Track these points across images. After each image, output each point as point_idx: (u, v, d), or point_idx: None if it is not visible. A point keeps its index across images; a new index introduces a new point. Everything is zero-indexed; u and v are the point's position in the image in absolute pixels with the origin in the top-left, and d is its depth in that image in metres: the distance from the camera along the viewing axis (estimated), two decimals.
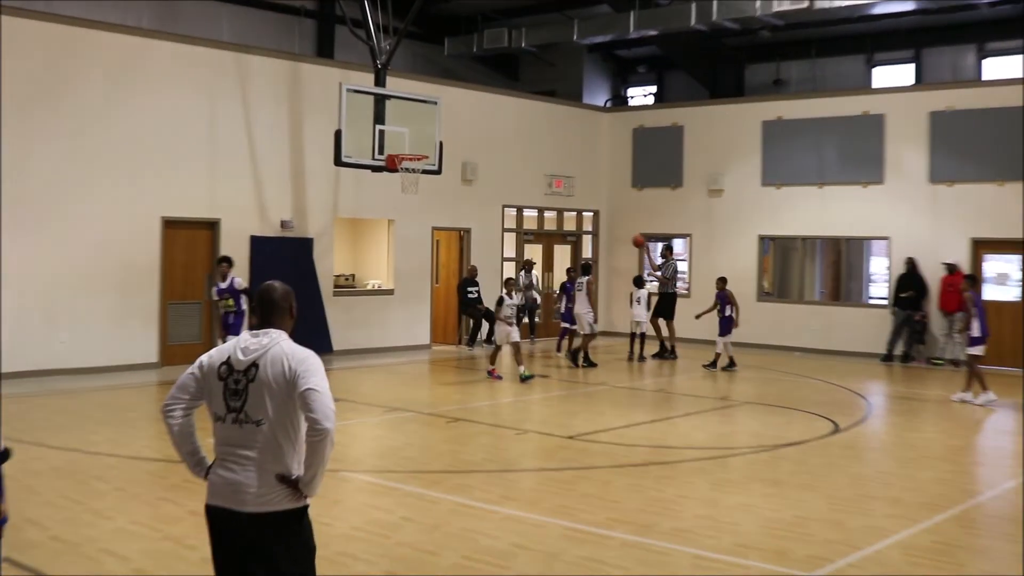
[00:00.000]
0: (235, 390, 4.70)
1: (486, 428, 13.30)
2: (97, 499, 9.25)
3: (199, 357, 4.92)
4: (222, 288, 16.28)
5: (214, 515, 4.78)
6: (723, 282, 20.16)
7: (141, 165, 17.88)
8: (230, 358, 4.75)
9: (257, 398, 4.66)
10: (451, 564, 7.60)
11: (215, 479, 4.76)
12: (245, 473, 4.66)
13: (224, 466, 4.74)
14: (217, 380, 4.76)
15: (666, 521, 8.85)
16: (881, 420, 14.83)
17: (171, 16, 20.97)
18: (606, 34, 24.15)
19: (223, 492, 4.72)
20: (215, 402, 4.78)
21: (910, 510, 9.40)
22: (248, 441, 4.68)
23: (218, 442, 4.79)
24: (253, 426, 4.67)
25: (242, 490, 4.65)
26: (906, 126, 22.04)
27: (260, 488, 4.64)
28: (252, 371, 4.68)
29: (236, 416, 4.69)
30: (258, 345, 4.73)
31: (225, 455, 4.75)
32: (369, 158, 17.92)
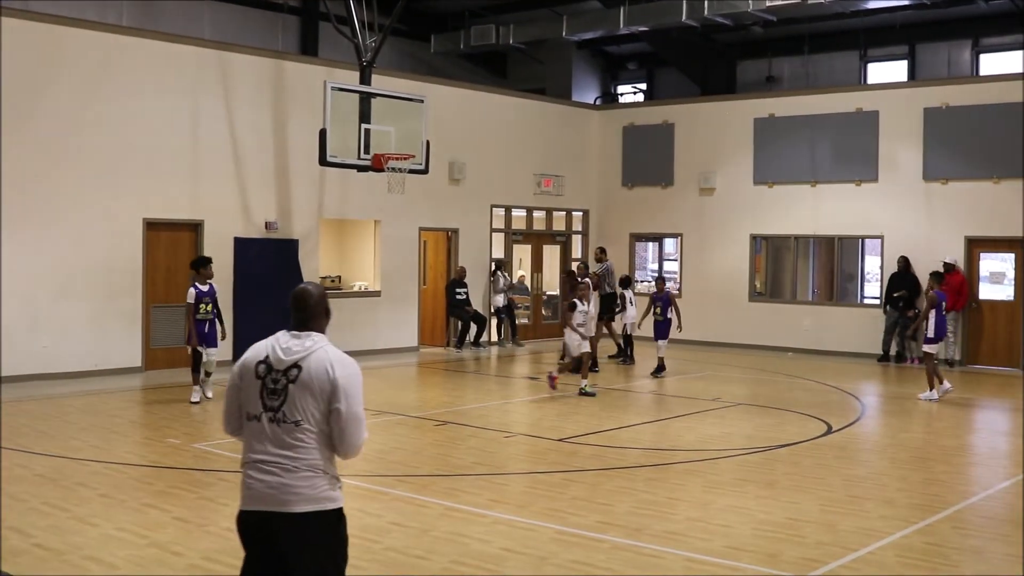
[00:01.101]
0: (273, 389, 4.75)
1: (475, 431, 13.18)
2: (81, 505, 9.15)
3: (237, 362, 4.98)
4: (203, 292, 14.87)
5: (251, 521, 4.79)
6: (662, 283, 19.57)
7: (122, 166, 17.69)
8: (268, 357, 4.81)
9: (297, 399, 4.72)
10: (440, 568, 7.56)
11: (252, 483, 4.76)
12: (286, 475, 4.70)
13: (260, 469, 4.75)
14: (254, 378, 4.80)
15: (657, 524, 8.78)
16: (874, 421, 14.74)
17: (151, 14, 20.80)
18: (595, 30, 24.06)
19: (262, 496, 4.73)
20: (250, 401, 4.81)
21: (903, 511, 9.35)
22: (286, 441, 4.72)
23: (251, 442, 4.82)
24: (292, 426, 4.71)
25: (284, 491, 4.68)
26: (900, 123, 21.95)
27: (301, 488, 4.69)
28: (294, 372, 4.74)
29: (273, 415, 4.74)
30: (301, 347, 4.80)
31: (259, 457, 4.77)
32: (355, 158, 17.77)
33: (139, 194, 17.93)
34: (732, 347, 23.22)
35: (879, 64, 25.68)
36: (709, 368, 20.08)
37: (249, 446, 4.83)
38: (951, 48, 24.51)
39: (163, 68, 18.30)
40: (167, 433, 12.73)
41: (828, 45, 25.61)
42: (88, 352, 17.35)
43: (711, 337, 23.87)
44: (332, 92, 17.52)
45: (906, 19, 23.80)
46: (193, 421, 13.67)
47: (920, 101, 21.76)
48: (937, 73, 24.33)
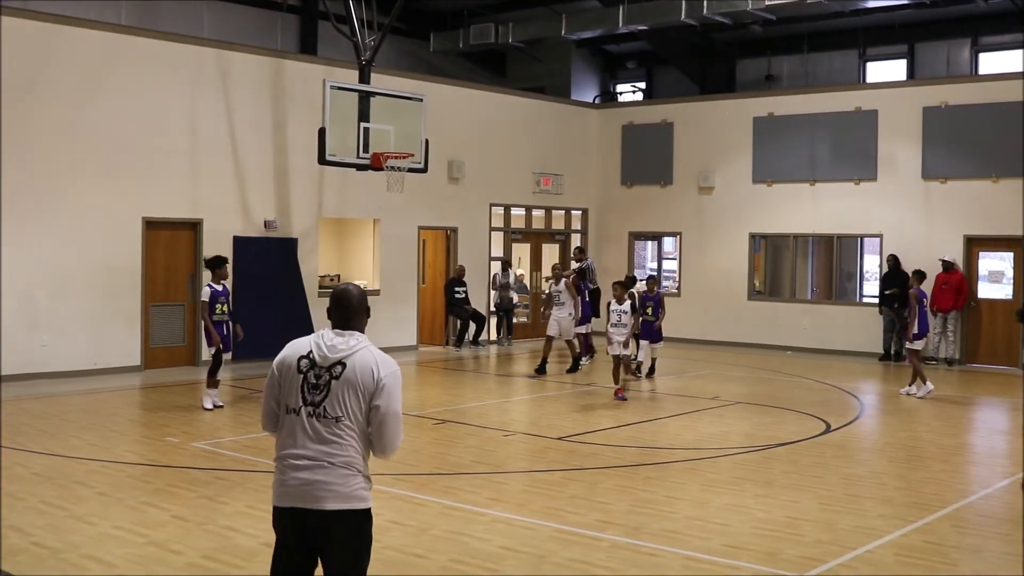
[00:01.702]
0: (315, 384, 4.84)
1: (474, 430, 13.17)
2: (80, 504, 9.13)
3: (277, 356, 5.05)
4: (219, 292, 14.29)
5: (287, 517, 4.87)
6: (654, 282, 18.88)
7: (121, 165, 17.68)
8: (311, 353, 4.89)
9: (340, 395, 4.81)
10: (439, 567, 7.56)
11: (288, 480, 4.83)
12: (321, 471, 4.78)
13: (295, 465, 4.82)
14: (296, 373, 4.88)
15: (656, 522, 8.78)
16: (873, 420, 14.73)
17: (150, 12, 20.77)
18: (595, 29, 24.03)
19: (298, 493, 4.80)
20: (290, 395, 4.88)
21: (902, 510, 9.35)
22: (324, 436, 4.81)
23: (288, 437, 4.89)
24: (332, 421, 4.81)
25: (318, 487, 4.77)
26: (899, 122, 21.94)
27: (336, 485, 4.78)
28: (338, 369, 4.83)
29: (314, 410, 4.82)
30: (346, 345, 4.88)
31: (296, 452, 4.84)
32: (354, 156, 17.75)
33: (138, 193, 17.91)
34: (731, 346, 23.21)
35: (878, 63, 25.66)
36: (708, 367, 20.07)
37: (285, 441, 4.90)
38: (950, 47, 24.48)
39: (162, 67, 18.28)
40: (166, 432, 12.73)
41: (827, 44, 25.60)
42: (87, 351, 17.34)
43: (710, 336, 23.88)
44: (331, 91, 17.49)
45: (905, 18, 23.79)
46: (192, 420, 13.66)
47: (919, 100, 21.74)
48: (936, 72, 24.32)
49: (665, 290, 24.92)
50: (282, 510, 4.88)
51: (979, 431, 14.55)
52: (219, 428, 13.21)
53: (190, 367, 18.38)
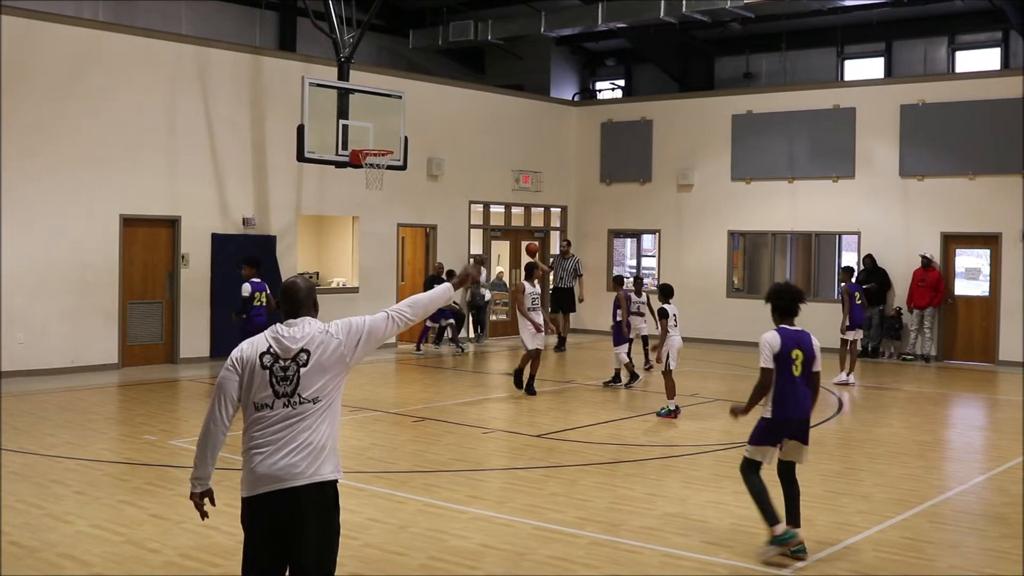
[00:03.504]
0: (284, 376, 5.00)
1: (453, 427, 13.16)
2: (56, 503, 9.10)
3: (229, 357, 5.15)
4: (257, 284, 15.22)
5: (263, 502, 4.97)
6: (618, 282, 17.68)
7: (99, 162, 17.59)
8: (271, 348, 5.04)
9: (311, 379, 5.02)
10: (418, 564, 7.56)
11: (262, 468, 4.96)
12: (298, 454, 4.96)
13: (269, 453, 4.96)
14: (261, 369, 5.02)
15: (635, 519, 8.80)
16: (851, 416, 14.78)
17: (127, 8, 20.62)
18: (574, 27, 24.00)
19: (274, 476, 4.94)
20: (259, 391, 5.02)
21: (879, 506, 9.40)
22: (301, 418, 5.00)
23: (261, 429, 5.01)
24: (310, 404, 5.02)
25: (294, 468, 4.94)
26: (877, 119, 22.03)
27: (311, 463, 4.97)
28: (303, 356, 5.03)
29: (288, 400, 5.00)
30: (302, 332, 5.08)
31: (270, 441, 4.98)
32: (333, 153, 17.73)
33: (116, 190, 17.82)
34: (710, 343, 23.25)
35: (856, 61, 25.73)
36: (687, 364, 20.06)
37: (256, 434, 5.02)
38: (927, 45, 24.58)
39: (140, 63, 18.19)
40: (143, 430, 12.67)
41: (805, 42, 25.66)
42: (64, 348, 17.24)
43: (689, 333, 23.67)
44: (310, 88, 17.46)
45: (883, 16, 23.87)
46: (169, 418, 13.61)
47: (897, 98, 21.84)
48: (913, 70, 24.42)
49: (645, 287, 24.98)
50: (256, 498, 4.98)
51: (956, 427, 14.62)
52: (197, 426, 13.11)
53: (168, 365, 18.32)
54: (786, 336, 7.77)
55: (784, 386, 7.70)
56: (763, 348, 7.76)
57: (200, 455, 5.14)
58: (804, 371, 7.74)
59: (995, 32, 23.46)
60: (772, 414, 7.73)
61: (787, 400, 7.70)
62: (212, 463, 5.14)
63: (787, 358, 7.70)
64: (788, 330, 7.83)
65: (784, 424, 7.73)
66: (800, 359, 7.73)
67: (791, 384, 7.70)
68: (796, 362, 7.72)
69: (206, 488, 5.19)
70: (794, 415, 7.73)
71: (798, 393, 7.72)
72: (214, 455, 5.14)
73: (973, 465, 11.62)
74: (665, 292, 14.63)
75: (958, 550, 8.23)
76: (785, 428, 7.75)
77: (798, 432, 7.81)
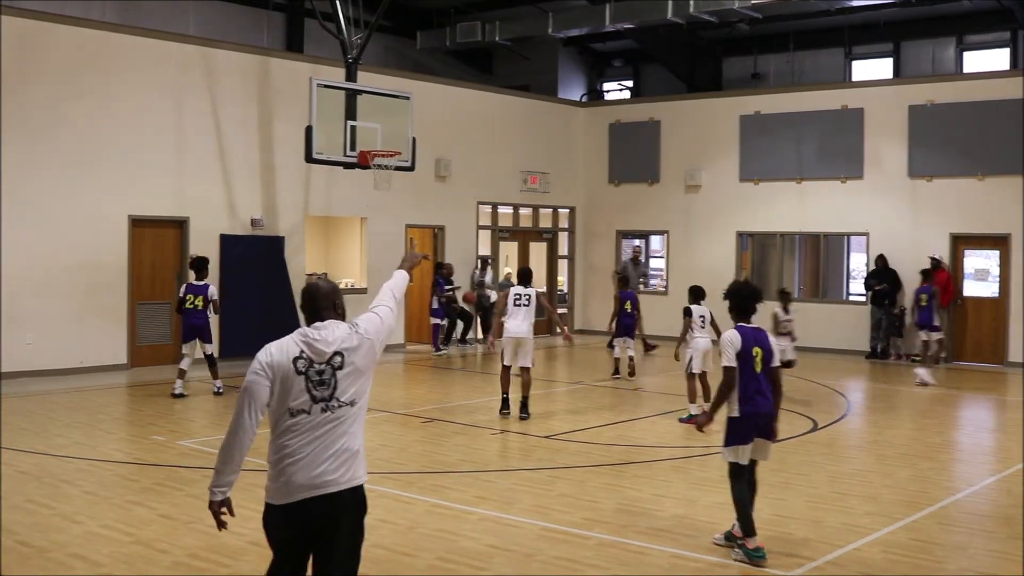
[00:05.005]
0: (320, 380, 4.91)
1: (461, 428, 13.16)
2: (66, 503, 9.12)
3: (256, 361, 4.96)
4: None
5: (299, 508, 4.87)
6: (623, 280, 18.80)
7: (107, 163, 17.63)
8: (304, 352, 4.93)
9: (349, 382, 4.95)
10: (427, 565, 7.55)
11: (300, 477, 4.86)
12: (333, 460, 4.89)
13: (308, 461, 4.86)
14: (295, 374, 4.90)
15: (643, 520, 8.79)
16: (860, 417, 14.75)
17: (135, 9, 20.67)
18: (581, 27, 24.00)
19: (313, 484, 4.86)
20: (295, 398, 4.89)
21: (889, 507, 9.37)
22: (339, 423, 4.92)
23: (296, 437, 4.89)
24: (347, 407, 4.95)
25: (335, 470, 4.89)
26: (885, 120, 22.00)
27: (347, 469, 4.93)
28: (338, 359, 4.95)
29: (327, 404, 4.91)
30: (333, 336, 4.99)
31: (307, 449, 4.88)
32: (340, 154, 17.72)
33: (124, 191, 17.86)
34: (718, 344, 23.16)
35: (864, 61, 25.71)
36: None
37: (289, 442, 4.90)
38: (935, 46, 24.55)
39: (148, 65, 18.22)
40: (152, 430, 12.70)
41: (813, 42, 25.64)
42: (73, 349, 17.28)
43: None
44: (318, 89, 17.46)
45: (891, 16, 23.84)
46: (178, 418, 13.63)
47: (905, 98, 21.80)
48: (922, 70, 24.39)
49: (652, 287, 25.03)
50: (291, 506, 4.87)
51: (965, 428, 14.58)
52: (206, 426, 13.18)
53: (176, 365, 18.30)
54: (745, 334, 7.90)
55: (748, 383, 7.81)
56: (725, 347, 7.87)
57: (224, 462, 4.97)
58: (764, 367, 7.86)
59: (1003, 32, 23.42)
60: (740, 412, 7.82)
61: (753, 396, 7.80)
62: (237, 471, 4.99)
63: (748, 355, 7.82)
64: (746, 328, 7.98)
65: (753, 420, 7.82)
66: (760, 356, 7.85)
67: (754, 381, 7.82)
68: (756, 359, 7.84)
69: (227, 497, 5.04)
70: (762, 409, 7.82)
71: (762, 388, 7.83)
72: (239, 463, 4.98)
73: (982, 467, 11.59)
74: (693, 293, 14.28)
75: (967, 552, 8.20)
76: (754, 424, 7.83)
77: (765, 428, 7.91)
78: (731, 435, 7.90)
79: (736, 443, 7.87)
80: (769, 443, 8.00)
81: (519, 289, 13.78)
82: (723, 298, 8.32)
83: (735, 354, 7.81)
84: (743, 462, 7.87)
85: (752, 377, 7.82)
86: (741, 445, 7.86)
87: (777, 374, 7.98)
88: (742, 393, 7.81)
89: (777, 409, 7.99)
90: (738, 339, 7.84)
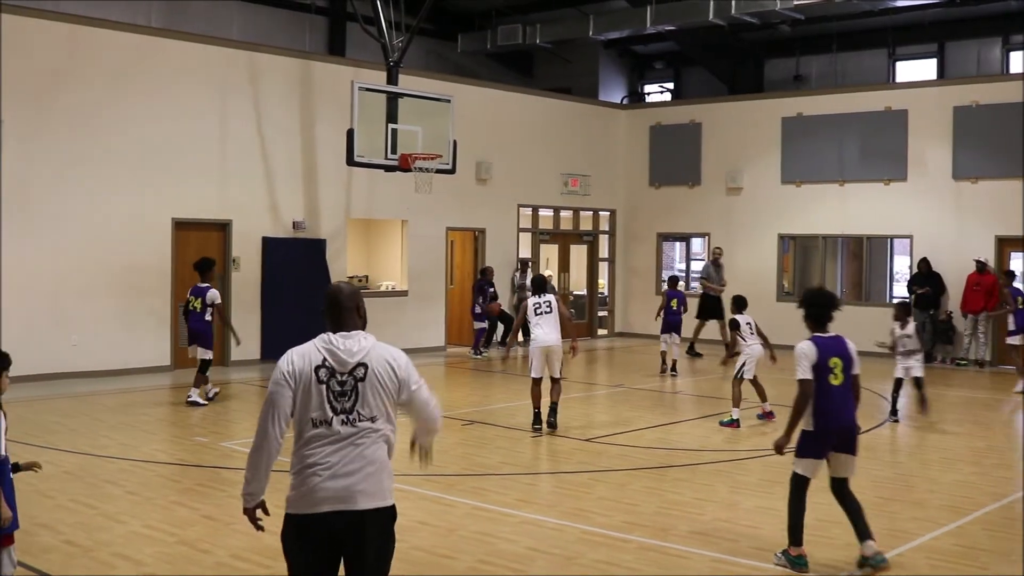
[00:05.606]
0: (342, 391, 4.77)
1: (502, 431, 13.16)
2: (109, 503, 9.22)
3: (277, 370, 4.88)
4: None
5: (318, 523, 4.76)
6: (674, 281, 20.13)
7: (151, 166, 17.80)
8: (326, 361, 4.80)
9: (370, 396, 4.79)
10: (467, 567, 7.58)
11: (319, 486, 4.74)
12: (360, 474, 4.75)
13: (331, 473, 4.75)
14: (316, 383, 4.78)
15: (684, 524, 8.76)
16: (903, 422, 14.60)
17: (179, 14, 20.88)
18: (622, 29, 23.95)
19: (331, 497, 4.73)
20: (316, 408, 4.79)
21: (933, 513, 9.30)
22: (361, 439, 4.78)
23: (318, 447, 4.79)
24: (368, 423, 4.79)
25: (356, 489, 4.74)
26: (929, 121, 21.78)
27: (373, 485, 4.77)
28: (361, 371, 4.79)
29: (347, 416, 4.77)
30: (359, 346, 4.83)
31: (330, 461, 4.76)
32: (382, 157, 17.79)
33: (168, 194, 18.02)
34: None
35: (908, 62, 25.48)
36: None
37: (314, 451, 4.79)
38: (981, 46, 24.28)
39: (191, 68, 18.38)
40: (195, 432, 12.80)
41: (856, 43, 25.43)
42: (118, 351, 17.45)
43: None
44: (359, 92, 17.55)
45: (935, 17, 23.61)
46: (221, 420, 13.73)
47: (950, 99, 21.59)
48: (967, 71, 24.13)
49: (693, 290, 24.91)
50: (311, 516, 4.76)
51: (1010, 433, 14.39)
52: (248, 428, 13.24)
53: (219, 367, 18.45)
54: (822, 345, 7.55)
55: (824, 396, 7.46)
56: (800, 359, 7.52)
57: (253, 471, 4.92)
58: (844, 379, 7.52)
59: None
60: (814, 426, 7.49)
61: (828, 410, 7.45)
62: (266, 478, 4.93)
63: (825, 367, 7.47)
64: (822, 338, 7.62)
65: (827, 435, 7.50)
66: (839, 367, 7.50)
67: (830, 394, 7.47)
68: (835, 370, 7.48)
69: (259, 501, 4.98)
70: (835, 424, 7.49)
71: (838, 402, 7.49)
72: (267, 470, 4.92)
73: None
74: (735, 303, 14.39)
75: (1012, 558, 8.08)
76: (828, 440, 7.52)
77: (844, 443, 7.57)
78: (804, 449, 7.59)
79: (809, 457, 7.57)
80: (853, 458, 7.62)
81: (536, 299, 13.06)
82: (798, 306, 7.95)
83: (810, 366, 7.45)
84: (813, 478, 7.61)
85: (829, 389, 7.46)
86: (814, 460, 7.57)
87: (856, 381, 7.63)
88: (818, 406, 7.45)
89: (855, 419, 7.64)
90: (813, 351, 7.49)
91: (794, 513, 7.61)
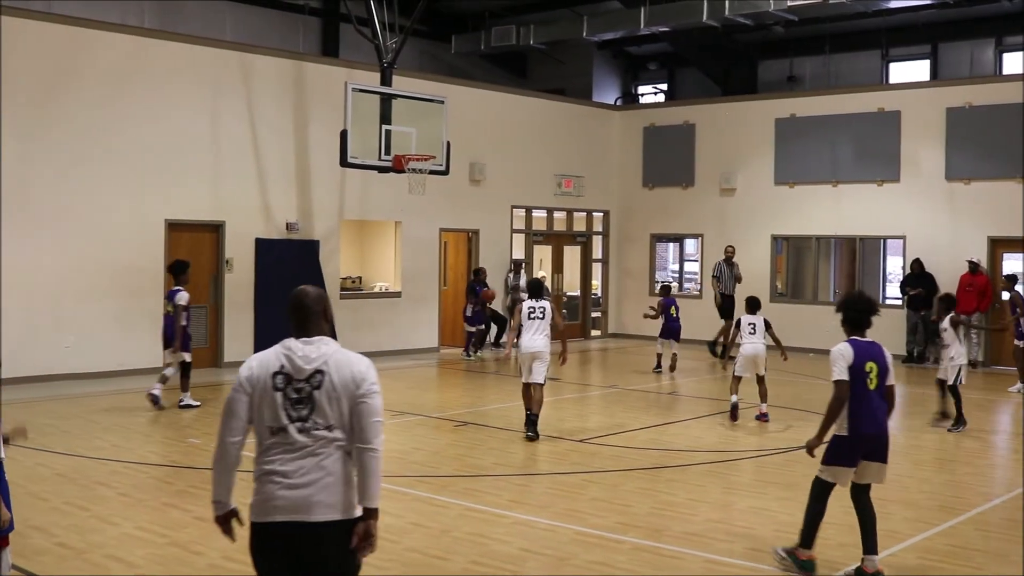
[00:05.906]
0: (298, 399, 4.65)
1: (495, 432, 13.16)
2: (102, 505, 9.21)
3: (237, 377, 4.81)
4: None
5: (273, 532, 4.68)
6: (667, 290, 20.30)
7: (144, 167, 17.77)
8: (284, 367, 4.69)
9: (326, 404, 4.64)
10: (460, 569, 7.58)
11: (276, 494, 4.66)
12: (313, 484, 4.63)
13: (287, 484, 4.65)
14: (272, 390, 4.68)
15: (677, 525, 8.76)
16: (896, 422, 14.60)
17: (173, 15, 20.86)
18: (616, 30, 23.97)
19: (287, 507, 4.64)
20: (270, 414, 4.69)
21: (926, 513, 9.32)
22: (316, 448, 4.65)
23: (276, 455, 4.71)
24: (325, 431, 4.64)
25: (313, 500, 4.61)
26: (922, 123, 21.82)
27: (331, 496, 4.63)
28: (318, 377, 4.65)
29: (303, 424, 4.65)
30: (317, 352, 4.70)
31: (285, 469, 4.67)
32: (375, 159, 17.79)
33: (161, 195, 17.99)
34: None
35: (901, 64, 25.53)
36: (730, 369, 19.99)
37: (271, 459, 4.72)
38: (974, 47, 24.32)
39: (185, 70, 18.36)
40: (188, 433, 12.80)
41: (850, 45, 25.46)
42: (112, 352, 17.42)
43: None
44: (353, 93, 17.54)
45: (928, 18, 23.64)
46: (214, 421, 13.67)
47: (942, 101, 21.63)
48: (960, 72, 24.17)
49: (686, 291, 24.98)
50: (268, 525, 4.68)
51: (1003, 433, 14.43)
52: None
53: (213, 368, 18.46)
54: (859, 348, 7.44)
55: (859, 401, 7.34)
56: (836, 360, 7.41)
57: (215, 478, 4.88)
58: (879, 384, 7.41)
59: None
60: (848, 432, 7.35)
61: (862, 416, 7.32)
62: (229, 486, 4.88)
63: (861, 371, 7.35)
64: (860, 341, 7.50)
65: (860, 442, 7.38)
66: (875, 372, 7.38)
67: (866, 399, 7.34)
68: (871, 375, 7.35)
69: (228, 509, 4.92)
70: (870, 431, 7.36)
71: (873, 408, 7.37)
72: (230, 477, 4.86)
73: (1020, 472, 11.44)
74: (747, 304, 14.75)
75: (1006, 559, 8.10)
76: (861, 446, 7.40)
77: (875, 451, 7.45)
78: (834, 455, 7.45)
79: (838, 464, 7.44)
80: (884, 465, 7.53)
81: (531, 303, 12.81)
82: (836, 310, 7.84)
83: (846, 367, 7.35)
84: (840, 484, 7.48)
85: (864, 394, 7.34)
86: (844, 467, 7.43)
87: (892, 391, 7.52)
88: (851, 411, 7.33)
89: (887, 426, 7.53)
90: (850, 352, 7.39)
91: (811, 517, 7.50)
